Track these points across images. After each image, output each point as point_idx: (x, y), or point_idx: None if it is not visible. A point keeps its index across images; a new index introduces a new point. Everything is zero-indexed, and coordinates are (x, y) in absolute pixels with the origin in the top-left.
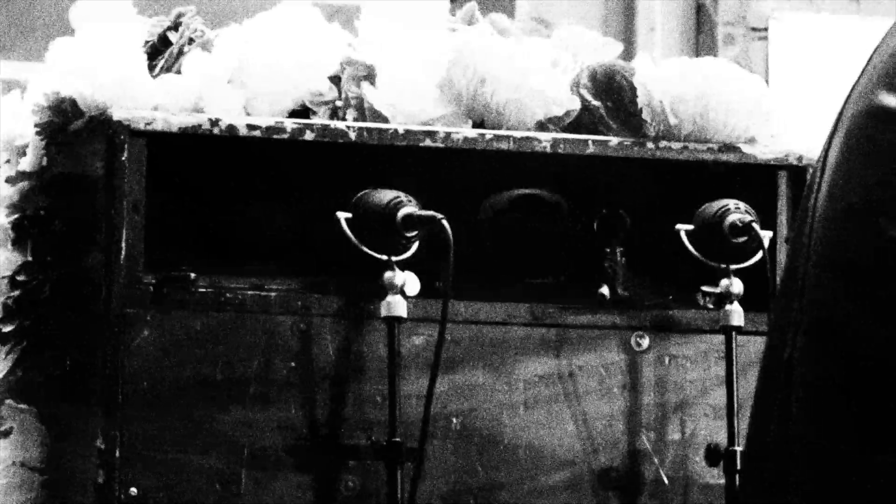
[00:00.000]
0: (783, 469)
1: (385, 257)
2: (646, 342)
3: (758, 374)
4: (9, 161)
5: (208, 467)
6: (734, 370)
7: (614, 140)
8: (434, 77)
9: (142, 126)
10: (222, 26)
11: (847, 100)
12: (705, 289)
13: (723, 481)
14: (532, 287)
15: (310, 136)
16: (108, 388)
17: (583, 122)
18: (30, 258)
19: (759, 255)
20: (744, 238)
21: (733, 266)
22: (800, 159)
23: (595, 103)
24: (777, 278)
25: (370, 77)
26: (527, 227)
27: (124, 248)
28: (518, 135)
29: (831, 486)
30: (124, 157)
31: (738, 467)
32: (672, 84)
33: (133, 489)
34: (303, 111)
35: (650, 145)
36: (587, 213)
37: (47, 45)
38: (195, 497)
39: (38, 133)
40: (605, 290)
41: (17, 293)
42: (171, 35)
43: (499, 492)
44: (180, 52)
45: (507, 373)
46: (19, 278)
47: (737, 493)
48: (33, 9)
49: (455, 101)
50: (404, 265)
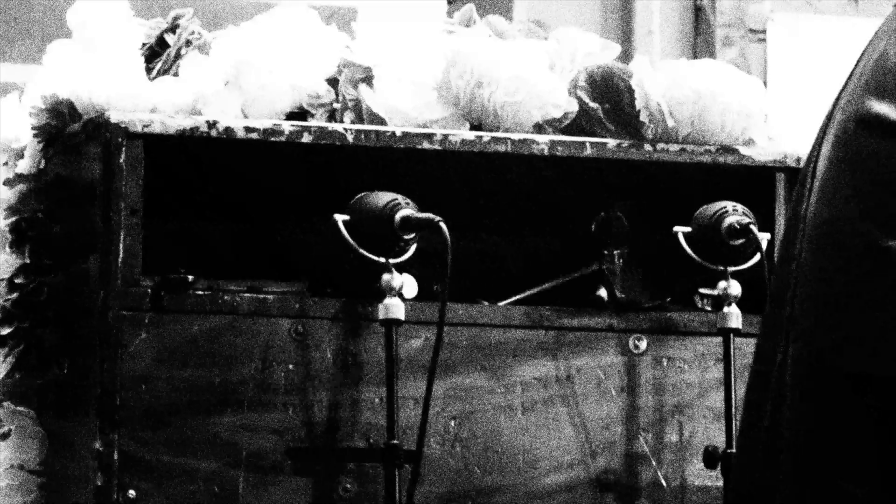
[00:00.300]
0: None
1: (383, 260)
2: (643, 344)
3: (748, 380)
4: (6, 164)
5: (206, 470)
6: (732, 373)
7: (612, 142)
8: (431, 79)
9: (139, 128)
10: (219, 29)
11: (834, 106)
12: (703, 291)
13: (720, 484)
14: (530, 289)
15: (307, 138)
16: (105, 390)
17: (580, 124)
18: (27, 261)
19: (757, 257)
20: (742, 240)
21: (731, 268)
22: (798, 161)
23: (593, 105)
24: None
25: (367, 79)
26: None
27: (122, 251)
28: (516, 137)
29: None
30: (121, 160)
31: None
32: (670, 86)
33: (131, 492)
34: (300, 113)
35: (648, 147)
36: (585, 216)
37: (44, 48)
38: (193, 500)
39: (35, 136)
40: (602, 292)
41: (14, 296)
42: (169, 37)
43: (496, 494)
44: (177, 55)
45: (505, 375)
46: (17, 281)
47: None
48: (31, 11)
49: (452, 104)
50: (402, 268)
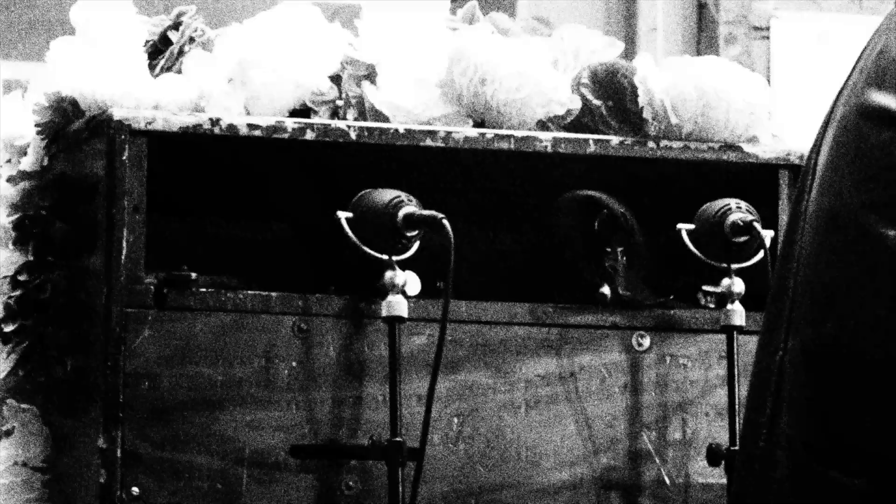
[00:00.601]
0: (768, 474)
1: (386, 257)
2: (647, 342)
3: (750, 377)
4: (10, 161)
5: (209, 467)
6: (736, 370)
7: (615, 139)
8: (435, 76)
9: (142, 125)
10: (223, 26)
11: (836, 101)
12: (706, 288)
13: (724, 481)
14: (533, 287)
15: (310, 135)
16: (109, 388)
17: (584, 121)
18: (31, 258)
19: (761, 254)
20: (745, 237)
21: (734, 265)
22: (801, 159)
23: (596, 102)
24: None
25: (371, 76)
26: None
27: (125, 248)
28: (519, 134)
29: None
30: (125, 157)
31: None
32: (673, 83)
33: (134, 489)
34: (303, 111)
35: (651, 145)
36: (588, 213)
37: (48, 45)
38: (196, 497)
39: (38, 133)
40: (606, 289)
41: (18, 293)
42: (172, 34)
43: (500, 492)
44: (181, 52)
45: (508, 373)
46: (21, 278)
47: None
48: (34, 8)
49: (456, 101)
50: (405, 265)
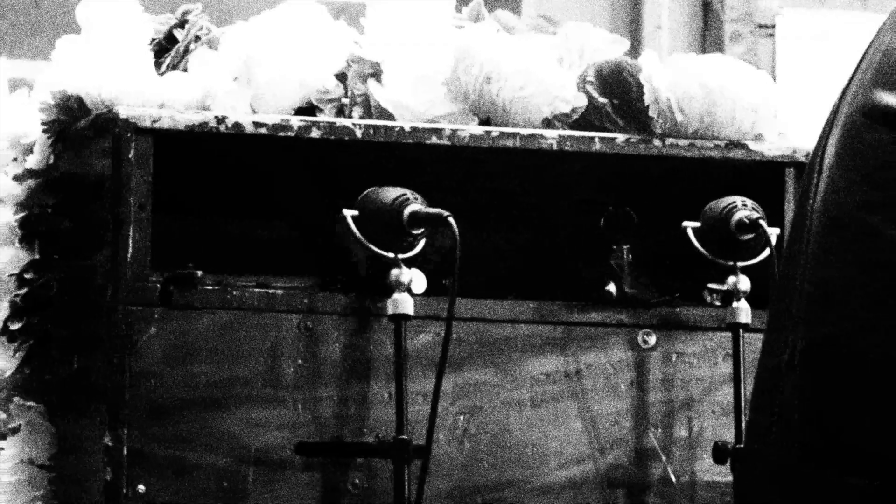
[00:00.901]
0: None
1: (391, 255)
2: (652, 340)
3: (755, 376)
4: (16, 159)
5: (215, 466)
6: (742, 368)
7: (621, 137)
8: (440, 74)
9: (148, 124)
10: (228, 24)
11: (841, 100)
12: (712, 286)
13: (730, 479)
14: (538, 285)
15: (316, 133)
16: (115, 385)
17: (589, 119)
18: (37, 256)
19: (767, 252)
20: (751, 235)
21: (740, 263)
22: (807, 156)
23: (601, 100)
24: None
25: (376, 74)
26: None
27: (131, 246)
28: (524, 132)
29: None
30: (130, 155)
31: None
32: (679, 81)
33: (140, 487)
34: (309, 109)
35: (657, 142)
36: (594, 211)
37: (54, 44)
38: (202, 495)
39: (44, 131)
40: (611, 287)
41: (24, 291)
42: (178, 33)
43: (505, 490)
44: (186, 50)
45: (514, 371)
46: (27, 276)
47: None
48: (39, 7)
49: (461, 99)
50: (410, 263)
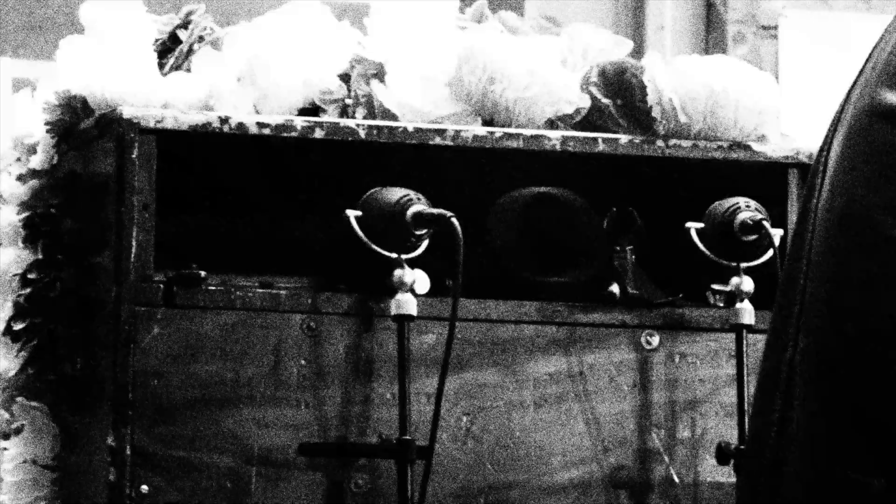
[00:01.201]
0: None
1: (395, 255)
2: (656, 340)
3: (758, 375)
4: (19, 159)
5: (218, 466)
6: (745, 368)
7: (624, 138)
8: (444, 75)
9: (151, 124)
10: (232, 24)
11: (846, 100)
12: (716, 287)
13: (733, 480)
14: (541, 285)
15: (319, 133)
16: (118, 386)
17: (592, 120)
18: (41, 256)
19: (770, 253)
20: (754, 236)
21: (744, 264)
22: (810, 157)
23: (605, 101)
24: None
25: (380, 75)
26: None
27: (134, 247)
28: (528, 133)
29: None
30: (134, 155)
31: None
32: (682, 82)
33: (144, 487)
34: (312, 109)
35: (660, 143)
36: (597, 212)
37: (57, 44)
38: (205, 495)
39: (48, 131)
40: (614, 288)
41: (28, 291)
42: (181, 33)
43: (508, 490)
44: (190, 51)
45: (517, 371)
46: (30, 276)
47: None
48: (43, 7)
49: (465, 99)
50: (414, 263)
